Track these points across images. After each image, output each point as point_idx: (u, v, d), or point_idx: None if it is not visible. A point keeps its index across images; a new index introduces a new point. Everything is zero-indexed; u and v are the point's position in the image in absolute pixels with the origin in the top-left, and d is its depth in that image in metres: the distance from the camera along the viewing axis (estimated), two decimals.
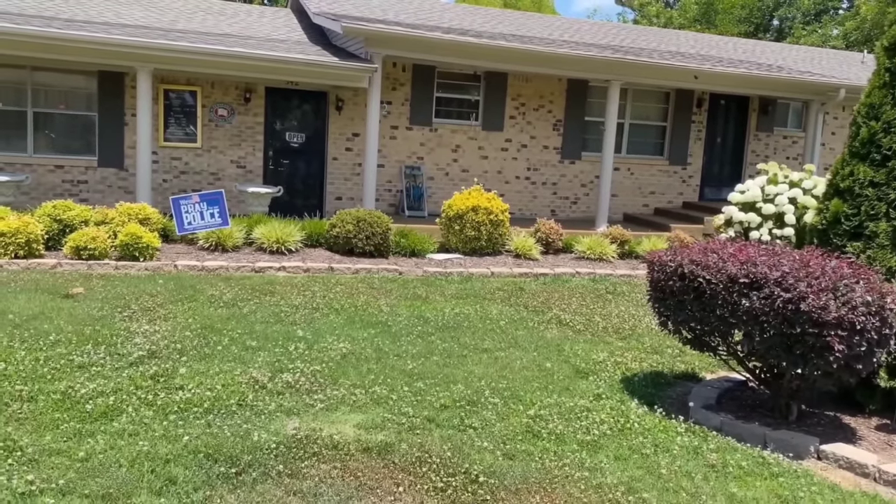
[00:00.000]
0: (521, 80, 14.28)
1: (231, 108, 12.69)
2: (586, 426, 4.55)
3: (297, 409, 4.48)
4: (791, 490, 3.92)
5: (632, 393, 5.45)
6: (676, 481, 3.90)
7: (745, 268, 4.65)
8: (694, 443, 4.46)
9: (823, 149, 16.76)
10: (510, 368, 5.78)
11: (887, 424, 5.02)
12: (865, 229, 5.07)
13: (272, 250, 9.93)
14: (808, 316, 4.33)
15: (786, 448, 4.59)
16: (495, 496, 3.57)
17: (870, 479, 4.30)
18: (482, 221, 11.02)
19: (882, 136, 5.09)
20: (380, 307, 7.47)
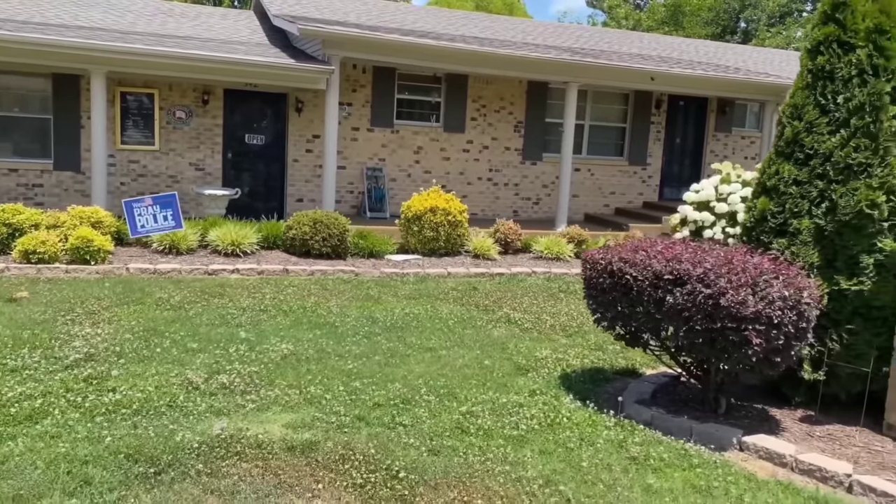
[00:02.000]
0: (481, 82, 14.39)
1: (189, 111, 12.63)
2: (515, 422, 4.63)
3: (228, 410, 4.51)
4: (706, 480, 4.03)
5: (568, 389, 5.54)
6: (596, 473, 3.99)
7: (670, 265, 4.76)
8: (619, 436, 4.55)
9: None
10: (451, 367, 5.84)
11: (811, 416, 5.16)
12: (790, 226, 5.21)
13: (227, 253, 9.91)
14: (728, 311, 4.44)
15: (710, 440, 4.71)
16: (414, 491, 3.63)
17: (787, 468, 4.42)
18: (440, 222, 11.09)
19: (805, 135, 5.23)
20: (329, 308, 7.50)
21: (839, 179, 4.99)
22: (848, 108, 5.01)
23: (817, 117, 5.18)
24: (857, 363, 4.96)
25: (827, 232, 5.01)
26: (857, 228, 4.90)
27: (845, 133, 5.00)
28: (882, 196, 4.83)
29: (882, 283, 4.85)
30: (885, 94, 4.90)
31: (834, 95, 5.13)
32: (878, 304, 4.88)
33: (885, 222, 4.86)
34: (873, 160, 4.89)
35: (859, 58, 5.01)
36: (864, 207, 4.83)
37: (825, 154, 5.08)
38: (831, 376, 5.09)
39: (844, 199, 4.91)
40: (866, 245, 4.89)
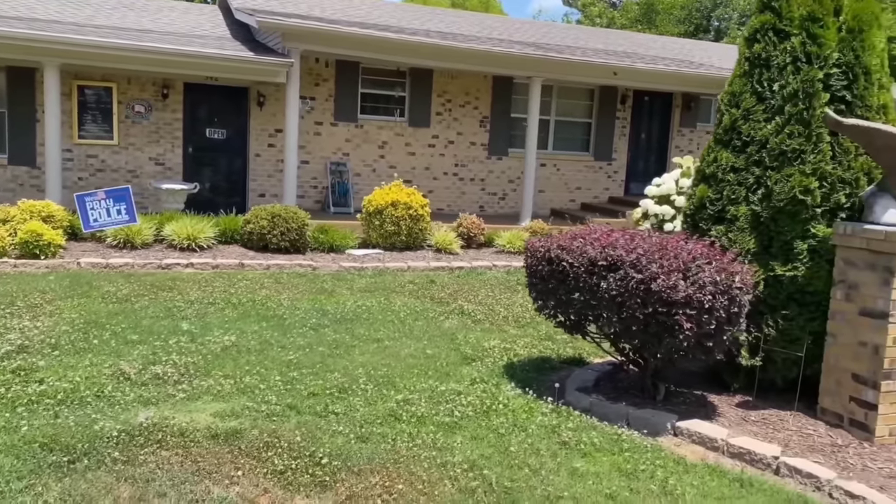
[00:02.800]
0: (446, 76, 14.36)
1: (148, 105, 12.47)
2: (451, 409, 4.61)
3: (157, 400, 4.44)
4: (634, 464, 4.03)
5: (511, 377, 5.53)
6: (523, 458, 3.98)
7: (605, 251, 4.76)
8: (553, 422, 4.55)
9: None
10: (396, 357, 5.81)
11: (748, 401, 5.19)
12: (727, 213, 5.23)
13: (182, 247, 9.79)
14: (659, 296, 4.46)
15: (646, 426, 4.72)
16: (335, 477, 3.60)
17: (719, 451, 4.44)
18: (401, 216, 11.05)
19: (742, 123, 5.26)
20: (280, 301, 7.44)
21: (774, 166, 5.02)
22: (782, 96, 5.05)
23: (754, 105, 5.22)
24: (793, 348, 5.00)
25: (762, 218, 5.04)
26: (791, 214, 4.94)
27: (780, 120, 5.03)
28: (815, 182, 4.87)
29: (815, 269, 4.90)
30: (818, 81, 4.94)
31: (770, 83, 5.17)
32: (812, 290, 4.93)
33: (819, 208, 4.90)
34: (807, 147, 4.93)
35: (793, 45, 5.05)
36: (798, 193, 4.87)
37: (761, 141, 5.11)
38: (768, 362, 5.13)
39: (779, 185, 4.94)
40: (800, 231, 4.93)
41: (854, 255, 4.67)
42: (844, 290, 4.74)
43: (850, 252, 4.70)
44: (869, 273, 4.59)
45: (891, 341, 4.50)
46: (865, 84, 4.94)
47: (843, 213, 4.91)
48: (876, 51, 5.00)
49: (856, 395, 4.67)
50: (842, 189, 4.91)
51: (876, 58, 5.00)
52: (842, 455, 4.41)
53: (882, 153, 4.63)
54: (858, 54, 4.93)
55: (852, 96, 4.94)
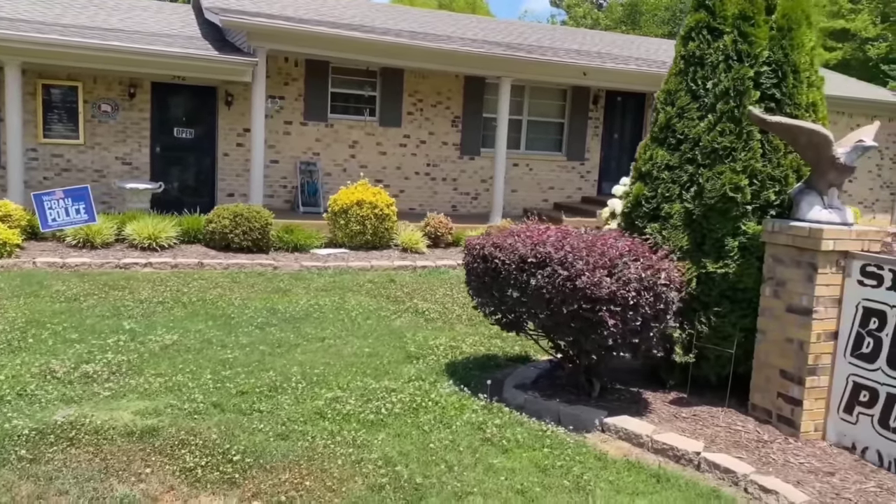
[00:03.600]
0: (417, 76, 14.35)
1: (115, 104, 12.41)
2: (379, 406, 4.61)
3: (80, 398, 4.42)
4: (552, 459, 4.04)
5: (451, 375, 5.53)
6: (441, 454, 3.98)
7: (534, 248, 4.78)
8: (481, 419, 4.55)
9: None
10: (337, 355, 5.80)
11: (683, 398, 5.22)
12: (661, 211, 5.26)
13: (143, 247, 9.75)
14: (583, 292, 4.47)
15: (575, 422, 4.73)
16: (245, 474, 3.59)
17: (644, 448, 4.46)
18: (367, 216, 11.05)
19: (676, 121, 5.28)
20: (231, 301, 7.42)
21: (706, 164, 5.05)
22: (715, 94, 5.08)
23: (688, 103, 5.24)
24: (725, 345, 5.03)
25: (695, 216, 5.07)
26: (722, 212, 4.96)
27: (712, 118, 5.06)
28: (745, 180, 4.90)
29: (746, 266, 4.93)
30: (748, 79, 4.97)
31: (704, 81, 5.19)
32: (743, 287, 4.96)
33: (749, 205, 4.93)
34: (737, 144, 4.96)
35: (726, 44, 5.08)
36: (728, 191, 4.89)
37: (694, 139, 5.14)
38: (702, 359, 5.16)
39: (710, 183, 4.97)
40: (731, 228, 4.96)
41: (781, 252, 4.71)
42: (773, 286, 4.77)
43: (778, 249, 4.73)
44: (795, 269, 4.62)
45: (815, 337, 4.53)
46: (794, 82, 4.98)
47: (774, 211, 4.94)
48: (805, 49, 5.04)
49: (783, 392, 4.70)
50: (772, 186, 4.95)
51: (805, 56, 5.04)
52: (765, 450, 4.44)
53: (807, 150, 4.66)
54: (788, 52, 4.97)
55: (781, 94, 4.97)
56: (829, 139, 4.50)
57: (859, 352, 4.43)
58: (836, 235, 4.45)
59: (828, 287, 4.51)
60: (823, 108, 5.19)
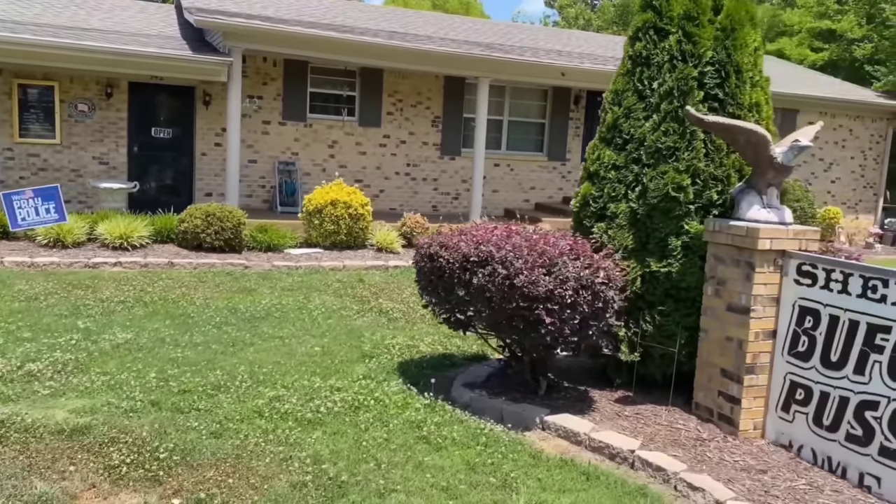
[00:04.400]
0: (397, 76, 14.37)
1: (92, 104, 12.41)
2: (320, 405, 4.62)
3: (17, 396, 4.43)
4: (484, 457, 4.06)
5: (402, 374, 5.55)
6: (373, 453, 4.00)
7: (478, 247, 4.79)
8: (421, 417, 4.57)
9: None
10: (290, 355, 5.82)
11: (628, 397, 5.24)
12: (608, 210, 5.28)
13: (115, 246, 9.75)
14: (521, 291, 4.49)
15: (516, 420, 4.75)
16: (169, 472, 3.60)
17: (581, 446, 4.48)
18: (341, 215, 11.06)
19: (623, 120, 5.31)
20: (193, 300, 7.43)
21: (650, 163, 5.07)
22: (659, 94, 5.10)
23: (635, 103, 5.27)
24: (670, 344, 5.05)
25: (639, 215, 5.09)
26: (665, 211, 4.98)
27: (657, 118, 5.08)
28: (688, 179, 4.93)
29: (688, 265, 4.95)
30: (692, 79, 4.99)
31: (650, 81, 5.22)
32: (685, 286, 4.98)
33: (692, 205, 4.96)
34: (681, 144, 4.98)
35: (671, 44, 5.11)
36: (671, 191, 4.92)
37: (640, 139, 5.16)
38: (647, 357, 5.18)
39: (654, 182, 4.99)
40: (674, 227, 4.98)
41: (722, 251, 4.73)
42: (714, 285, 4.80)
43: (719, 248, 4.75)
44: (734, 268, 4.64)
45: (753, 336, 4.55)
46: (737, 82, 5.00)
47: (716, 210, 4.97)
48: (748, 49, 5.06)
49: (723, 390, 4.73)
50: (714, 186, 4.97)
51: (749, 56, 5.06)
52: (703, 449, 4.46)
53: (746, 150, 4.69)
54: (731, 52, 4.99)
55: (724, 94, 5.00)
56: (766, 139, 4.52)
57: (795, 350, 4.46)
58: (772, 234, 4.47)
59: (765, 286, 4.53)
60: (768, 108, 5.21)
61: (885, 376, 3.94)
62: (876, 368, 3.98)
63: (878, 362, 3.97)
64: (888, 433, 3.90)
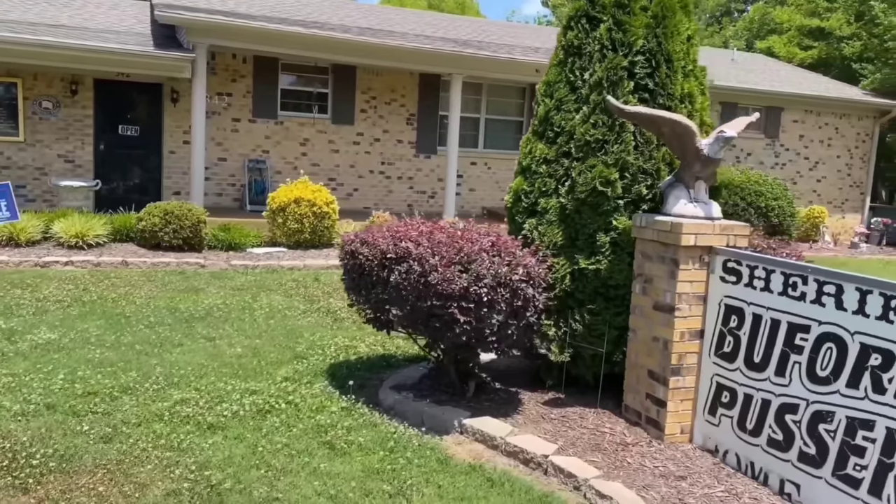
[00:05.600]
0: (370, 73, 14.19)
1: (57, 101, 12.24)
2: (227, 408, 4.44)
3: None
4: (387, 463, 3.87)
5: (330, 376, 5.36)
6: (268, 459, 3.81)
7: (396, 244, 4.61)
8: (331, 421, 4.38)
9: None
10: (216, 356, 5.63)
11: (559, 399, 5.05)
12: (538, 206, 5.09)
13: (71, 245, 9.58)
14: (436, 289, 4.30)
15: (436, 424, 4.57)
16: (40, 479, 3.42)
17: (497, 450, 4.29)
18: (305, 214, 10.88)
19: (555, 113, 5.11)
20: (134, 300, 7.24)
21: (580, 157, 4.88)
22: (589, 85, 4.91)
23: (566, 94, 5.07)
24: (600, 344, 4.86)
25: (568, 211, 4.90)
26: (593, 206, 4.79)
27: (587, 110, 4.89)
28: (616, 173, 4.73)
29: (617, 262, 4.76)
30: (622, 68, 4.80)
31: (581, 72, 5.03)
32: (614, 284, 4.79)
33: (621, 200, 4.76)
34: (610, 137, 4.79)
35: (601, 33, 4.91)
36: (598, 185, 4.72)
37: (570, 132, 4.97)
38: (578, 358, 4.99)
39: (582, 176, 4.80)
40: (603, 223, 4.79)
41: (648, 248, 4.54)
42: (641, 283, 4.61)
43: (646, 244, 4.56)
44: (660, 265, 4.45)
45: (678, 336, 4.36)
46: (668, 72, 4.81)
47: (646, 205, 4.78)
48: (680, 37, 4.87)
49: (651, 392, 4.53)
50: (643, 180, 4.78)
51: (680, 44, 4.87)
52: (624, 454, 4.27)
53: (672, 141, 4.50)
54: (661, 41, 4.80)
55: (654, 84, 4.80)
56: (691, 130, 4.33)
57: (721, 351, 4.27)
58: (697, 230, 4.28)
59: (691, 283, 4.34)
60: (703, 99, 5.03)
61: (804, 378, 3.74)
62: (796, 370, 3.79)
63: (797, 363, 3.78)
64: (807, 438, 3.71)
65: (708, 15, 40.33)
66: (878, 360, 3.36)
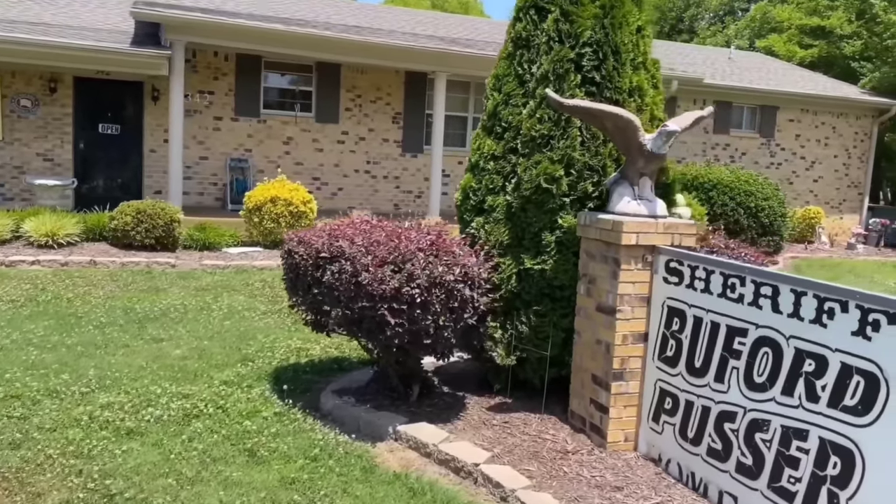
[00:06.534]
0: (355, 71, 14.03)
1: (35, 99, 12.14)
2: (151, 413, 4.27)
3: None
4: (304, 472, 3.69)
5: (275, 379, 5.19)
6: (179, 467, 3.64)
7: (331, 243, 4.44)
8: (257, 427, 4.22)
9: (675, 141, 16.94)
10: (159, 358, 5.47)
11: (504, 403, 4.86)
12: (485, 204, 4.91)
13: (41, 244, 9.45)
14: (366, 289, 4.13)
15: (371, 430, 4.39)
16: None
17: (430, 458, 4.11)
18: (281, 213, 10.73)
19: (503, 108, 4.92)
20: (90, 300, 7.11)
21: (525, 153, 4.70)
22: (536, 78, 4.72)
23: (515, 88, 4.89)
24: (546, 346, 4.67)
25: (514, 209, 4.72)
26: (538, 204, 4.61)
27: (533, 104, 4.70)
28: (561, 170, 4.54)
29: (562, 262, 4.57)
30: (568, 61, 4.61)
31: (529, 65, 4.84)
32: (559, 285, 4.60)
33: (567, 197, 4.57)
34: (556, 132, 4.60)
35: (548, 24, 4.73)
36: (543, 182, 4.54)
37: (517, 127, 4.79)
38: (525, 361, 4.81)
39: (527, 173, 4.61)
40: (548, 222, 4.61)
41: (592, 247, 4.35)
42: (586, 284, 4.42)
43: (590, 244, 4.37)
44: (603, 265, 4.26)
45: (620, 339, 4.17)
46: (615, 64, 4.61)
47: (592, 203, 4.58)
48: (629, 28, 4.68)
49: (594, 398, 4.34)
50: (590, 177, 4.59)
51: (629, 35, 4.68)
52: (561, 462, 4.08)
53: (615, 136, 4.31)
54: (609, 32, 4.60)
55: (601, 77, 4.61)
56: (633, 124, 4.14)
57: (664, 355, 4.07)
58: (639, 229, 4.09)
59: (633, 284, 4.15)
60: (655, 93, 4.83)
61: (741, 385, 3.55)
62: (734, 376, 3.59)
63: (735, 369, 3.59)
64: (744, 447, 3.51)
65: (711, 14, 40.06)
66: (811, 366, 3.16)
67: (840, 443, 3.02)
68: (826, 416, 3.09)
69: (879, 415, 2.86)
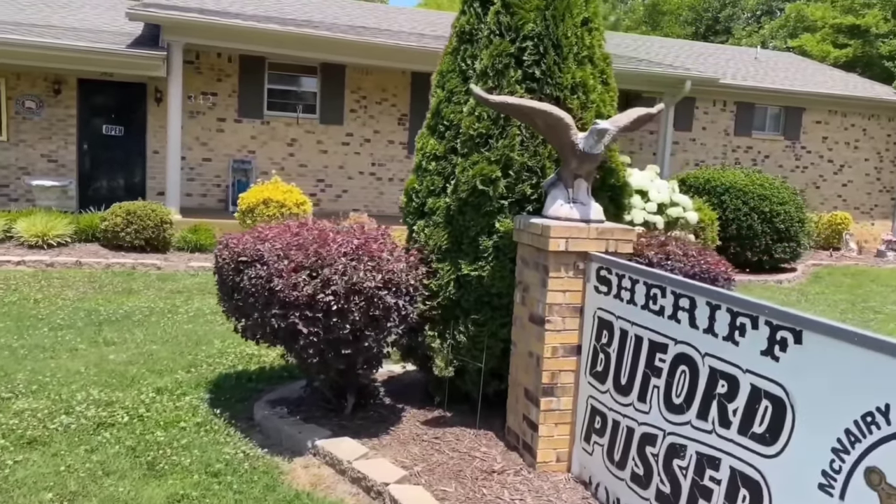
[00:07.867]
0: (360, 72, 13.89)
1: (40, 101, 12.26)
2: (62, 421, 4.13)
3: None
4: (197, 490, 3.49)
5: (215, 388, 5.03)
6: (66, 481, 3.47)
7: (254, 245, 4.24)
8: (168, 438, 4.03)
9: (693, 143, 16.46)
10: (104, 362, 5.35)
11: (442, 417, 4.60)
12: (426, 206, 4.66)
13: (32, 244, 9.49)
14: (278, 296, 3.92)
15: (293, 444, 4.18)
16: None
17: (345, 475, 3.88)
18: (273, 215, 10.60)
19: (445, 105, 4.67)
20: (56, 301, 7.05)
21: (464, 153, 4.44)
22: (476, 73, 4.47)
23: (458, 85, 4.63)
24: (484, 357, 4.40)
25: (452, 212, 4.46)
26: (475, 207, 4.35)
27: (473, 101, 4.44)
28: (499, 171, 4.28)
29: (499, 268, 4.30)
30: (508, 55, 4.34)
31: (472, 60, 4.59)
32: (497, 292, 4.33)
33: (505, 200, 4.30)
34: (494, 131, 4.34)
35: (490, 17, 4.46)
36: (478, 184, 4.28)
37: (458, 125, 4.53)
38: (464, 373, 4.54)
39: (464, 174, 4.36)
40: (486, 225, 4.34)
41: (526, 253, 4.08)
42: (521, 292, 4.14)
43: (524, 249, 4.10)
44: (534, 272, 3.98)
45: (549, 352, 3.88)
46: (556, 58, 4.32)
47: (531, 206, 4.31)
48: (573, 21, 4.38)
49: (526, 414, 4.06)
50: (528, 179, 4.31)
51: (573, 28, 4.38)
52: (483, 483, 3.81)
53: (548, 135, 4.02)
54: (549, 24, 4.32)
55: (541, 72, 4.32)
56: (564, 122, 3.85)
57: (595, 370, 3.78)
58: (568, 234, 3.80)
59: (564, 293, 3.86)
60: (604, 89, 4.52)
61: (661, 405, 3.24)
62: (655, 395, 3.28)
63: (656, 387, 3.28)
64: (663, 474, 3.20)
65: (748, 14, 39.08)
66: (724, 387, 2.85)
67: (749, 474, 2.70)
68: (737, 445, 2.77)
69: (785, 445, 2.53)
